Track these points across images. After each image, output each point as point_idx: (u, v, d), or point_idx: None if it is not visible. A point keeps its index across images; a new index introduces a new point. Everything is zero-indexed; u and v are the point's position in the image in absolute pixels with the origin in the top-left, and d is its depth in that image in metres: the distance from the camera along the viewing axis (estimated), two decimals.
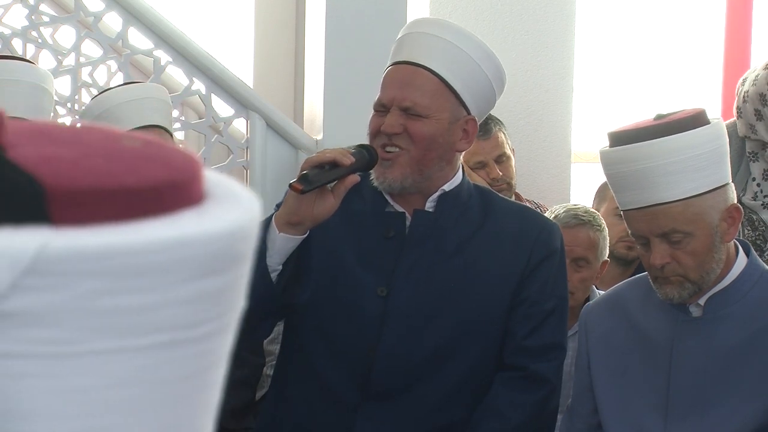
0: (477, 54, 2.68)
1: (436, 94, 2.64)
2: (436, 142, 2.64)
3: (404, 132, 2.63)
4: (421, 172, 2.66)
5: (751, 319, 2.54)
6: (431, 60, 2.65)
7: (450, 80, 2.64)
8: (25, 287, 0.60)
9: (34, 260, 0.60)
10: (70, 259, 0.60)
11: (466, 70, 2.66)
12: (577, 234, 3.40)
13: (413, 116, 2.62)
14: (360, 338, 2.67)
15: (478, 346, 2.69)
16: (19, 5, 4.62)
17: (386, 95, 2.66)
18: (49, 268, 0.60)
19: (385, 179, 2.65)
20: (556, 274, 2.74)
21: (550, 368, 2.71)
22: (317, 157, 2.55)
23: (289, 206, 2.56)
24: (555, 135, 5.08)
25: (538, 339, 2.70)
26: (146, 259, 0.62)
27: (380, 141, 2.65)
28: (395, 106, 2.64)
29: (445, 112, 2.64)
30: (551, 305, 2.72)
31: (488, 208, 2.75)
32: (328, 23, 4.62)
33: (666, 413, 2.55)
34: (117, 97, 3.65)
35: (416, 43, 2.69)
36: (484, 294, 2.69)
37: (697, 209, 2.46)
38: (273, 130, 4.68)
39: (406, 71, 2.66)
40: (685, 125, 2.47)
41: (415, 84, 2.64)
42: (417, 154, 2.63)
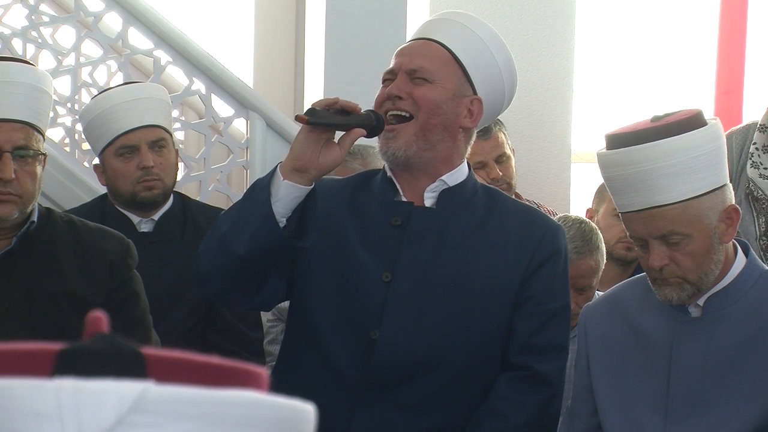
0: (491, 40, 2.73)
1: (443, 63, 2.67)
2: (441, 108, 2.66)
3: (409, 98, 2.65)
4: (426, 139, 2.66)
5: (750, 319, 2.54)
6: (443, 35, 2.70)
7: (459, 54, 2.68)
8: (129, 423, 0.71)
9: (137, 400, 0.71)
10: (168, 402, 0.72)
11: (475, 49, 2.70)
12: (580, 267, 3.39)
13: (418, 80, 2.65)
14: (362, 321, 2.66)
15: (477, 341, 2.69)
16: (19, 5, 4.62)
17: (394, 63, 2.70)
18: (150, 408, 0.72)
19: (389, 148, 2.66)
20: (561, 275, 2.74)
21: (553, 370, 2.71)
22: (327, 100, 2.58)
23: (295, 151, 2.56)
24: (555, 135, 5.08)
25: (544, 337, 2.70)
26: (232, 410, 0.74)
27: (385, 106, 2.67)
28: (402, 71, 2.67)
29: (450, 83, 2.67)
30: (557, 305, 2.72)
31: (493, 207, 2.75)
32: (328, 23, 4.62)
33: (666, 413, 2.55)
34: (117, 97, 3.65)
35: (432, 25, 2.76)
36: (485, 290, 2.69)
37: (696, 211, 2.46)
38: (273, 130, 4.69)
39: (416, 43, 2.73)
40: (683, 127, 2.47)
41: (424, 51, 2.69)
42: (422, 119, 2.64)
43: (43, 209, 2.80)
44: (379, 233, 2.68)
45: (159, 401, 0.72)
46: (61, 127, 4.68)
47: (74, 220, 2.84)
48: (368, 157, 4.11)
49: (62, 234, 2.77)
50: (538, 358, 2.70)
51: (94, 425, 0.71)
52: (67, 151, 4.65)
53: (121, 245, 2.81)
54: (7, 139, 2.65)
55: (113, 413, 0.71)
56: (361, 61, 4.55)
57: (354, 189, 2.74)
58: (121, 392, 0.72)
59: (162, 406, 0.72)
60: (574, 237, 3.43)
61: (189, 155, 4.81)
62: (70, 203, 4.17)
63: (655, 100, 6.06)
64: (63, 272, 2.74)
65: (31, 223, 2.73)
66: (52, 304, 2.71)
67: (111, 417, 0.71)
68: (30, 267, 2.72)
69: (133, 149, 3.59)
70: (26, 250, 2.72)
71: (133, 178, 3.59)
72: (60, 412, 0.71)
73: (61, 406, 0.71)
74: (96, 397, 0.72)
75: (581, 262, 3.41)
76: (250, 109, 4.66)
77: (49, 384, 0.73)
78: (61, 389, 0.72)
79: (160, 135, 3.63)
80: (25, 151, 2.67)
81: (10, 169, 2.63)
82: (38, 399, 0.72)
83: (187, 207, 3.74)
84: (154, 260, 3.50)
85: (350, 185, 2.76)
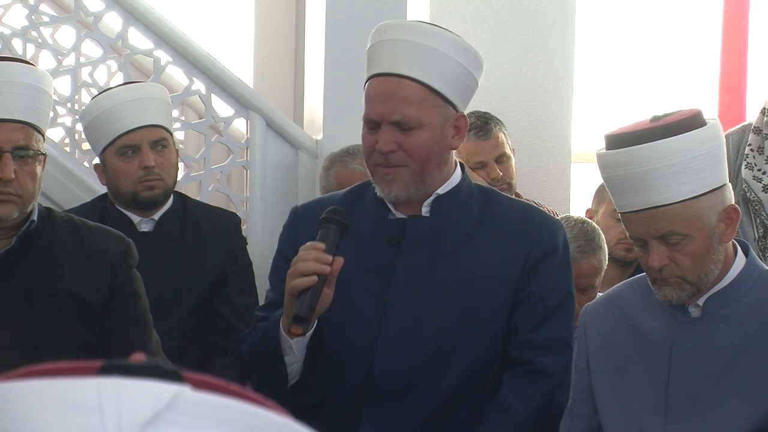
0: (452, 50, 2.64)
1: (424, 103, 2.61)
2: (433, 151, 2.64)
3: (399, 149, 2.62)
4: (423, 182, 2.67)
5: (750, 318, 2.54)
6: (412, 68, 2.61)
7: (434, 84, 2.61)
8: (165, 420, 0.73)
9: (174, 399, 0.74)
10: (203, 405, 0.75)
11: (446, 69, 2.63)
12: (582, 266, 3.39)
13: (405, 130, 2.61)
14: (362, 343, 2.68)
15: (478, 345, 2.70)
16: (19, 5, 4.62)
17: (374, 111, 2.63)
18: (186, 408, 0.75)
19: (389, 192, 2.66)
20: (559, 271, 2.74)
21: (555, 362, 2.71)
22: (296, 285, 2.52)
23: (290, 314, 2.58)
24: (555, 135, 5.08)
25: (543, 334, 2.70)
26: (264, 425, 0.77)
27: (376, 160, 2.65)
28: (385, 122, 2.61)
29: (435, 118, 2.62)
30: (555, 301, 2.72)
31: (489, 208, 2.75)
32: (328, 23, 4.62)
33: (665, 413, 2.56)
34: (117, 97, 3.65)
35: (391, 52, 2.64)
36: (484, 292, 2.69)
37: (695, 211, 2.46)
38: (273, 130, 4.68)
39: (388, 84, 2.63)
40: (682, 127, 2.46)
41: (401, 96, 2.61)
42: (416, 167, 2.64)
43: (43, 209, 2.80)
44: (376, 255, 2.68)
45: (195, 403, 0.75)
46: (61, 127, 4.68)
47: (74, 219, 2.84)
48: None
49: (62, 233, 2.77)
50: (538, 353, 2.70)
51: (132, 418, 0.73)
52: (67, 151, 4.65)
53: (122, 245, 2.81)
54: (7, 139, 2.65)
55: (151, 409, 0.74)
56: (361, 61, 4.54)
57: (346, 209, 2.72)
58: (159, 391, 0.75)
59: (197, 408, 0.75)
60: (577, 237, 3.43)
61: (189, 155, 4.81)
62: (70, 203, 4.17)
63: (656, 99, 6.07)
64: (63, 272, 2.74)
65: (31, 222, 2.73)
66: (52, 304, 2.71)
67: (148, 412, 0.73)
68: (30, 266, 2.73)
69: (135, 149, 3.60)
70: (26, 250, 2.73)
71: (134, 178, 3.59)
72: (100, 406, 0.73)
73: (101, 399, 0.74)
74: (135, 392, 0.75)
75: (584, 261, 3.42)
76: (250, 109, 4.66)
77: (90, 380, 0.76)
78: (101, 385, 0.75)
79: (162, 135, 3.63)
80: (25, 151, 2.67)
81: (10, 169, 2.63)
82: (80, 393, 0.74)
83: (187, 207, 3.74)
84: (154, 260, 3.50)
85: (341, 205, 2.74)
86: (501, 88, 4.99)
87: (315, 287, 2.51)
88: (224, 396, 0.77)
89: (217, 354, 3.64)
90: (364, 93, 2.68)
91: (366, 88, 2.68)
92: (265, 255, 4.08)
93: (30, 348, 2.68)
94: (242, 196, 4.72)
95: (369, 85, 2.67)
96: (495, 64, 5.01)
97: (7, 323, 2.69)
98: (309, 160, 4.67)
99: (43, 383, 0.76)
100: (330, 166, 4.21)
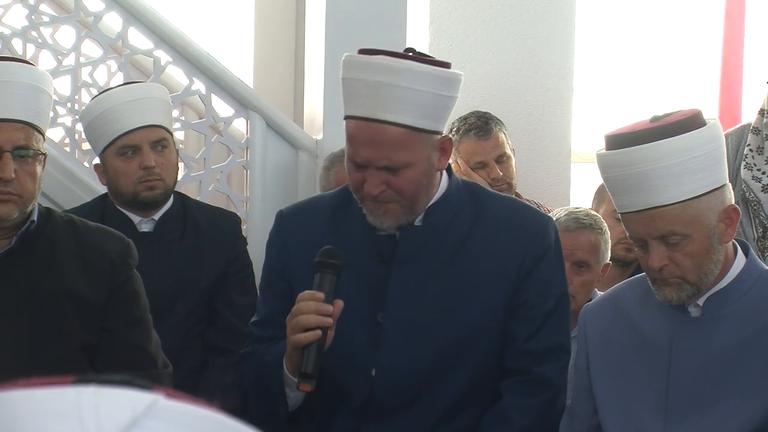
0: (434, 85, 2.58)
1: (409, 144, 2.57)
2: (422, 183, 2.62)
3: (388, 188, 2.60)
4: (414, 211, 2.66)
5: (750, 318, 2.54)
6: (393, 112, 2.56)
7: (417, 124, 2.57)
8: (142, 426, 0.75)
9: (151, 406, 0.76)
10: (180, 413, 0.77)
11: (428, 105, 2.57)
12: (579, 237, 3.40)
13: (393, 170, 2.58)
14: (356, 364, 2.68)
15: (477, 354, 2.69)
16: (19, 5, 4.62)
17: (359, 155, 2.60)
18: (163, 415, 0.76)
19: (381, 224, 2.65)
20: (553, 272, 2.73)
21: (553, 370, 2.71)
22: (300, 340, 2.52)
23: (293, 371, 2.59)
24: (555, 135, 5.08)
25: (540, 342, 2.70)
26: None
27: (366, 200, 2.62)
28: (372, 166, 2.59)
29: (422, 153, 2.59)
30: (551, 305, 2.71)
31: (479, 208, 2.73)
32: (328, 23, 4.62)
33: (665, 413, 2.56)
34: (117, 97, 3.65)
35: (370, 95, 2.57)
36: (480, 300, 2.68)
37: (695, 211, 2.46)
38: (273, 130, 4.68)
39: (371, 129, 2.58)
40: (682, 127, 2.46)
41: (386, 141, 2.57)
42: (406, 202, 2.63)
43: (43, 209, 2.80)
44: (367, 270, 2.66)
45: (171, 410, 0.77)
46: (61, 127, 4.68)
47: (74, 219, 2.84)
48: None
49: (62, 233, 2.77)
50: (536, 361, 2.70)
51: (111, 425, 0.74)
52: (67, 151, 4.65)
53: (121, 245, 2.81)
54: (7, 139, 2.65)
55: (129, 415, 0.75)
56: None
57: (332, 218, 2.72)
58: (137, 398, 0.76)
59: (174, 415, 0.77)
60: (576, 211, 3.47)
61: (189, 155, 4.81)
62: (70, 203, 4.17)
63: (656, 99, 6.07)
64: (63, 272, 2.74)
65: (31, 222, 2.73)
66: (52, 304, 2.71)
67: (127, 419, 0.75)
68: (30, 266, 2.73)
69: (135, 149, 3.59)
70: (26, 250, 2.73)
71: (134, 178, 3.59)
72: (79, 413, 0.74)
73: (80, 406, 0.75)
74: (113, 400, 0.76)
75: (579, 233, 3.42)
76: (250, 109, 4.66)
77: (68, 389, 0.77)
78: (80, 392, 0.76)
79: (162, 135, 3.63)
80: (25, 151, 2.67)
81: (10, 169, 2.64)
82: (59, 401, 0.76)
83: (187, 207, 3.74)
84: (154, 260, 3.50)
85: (327, 214, 2.73)
86: (501, 88, 4.99)
87: (319, 341, 2.50)
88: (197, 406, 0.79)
89: (217, 354, 3.64)
90: (346, 130, 2.63)
91: (347, 127, 2.63)
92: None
93: (30, 348, 2.68)
94: (242, 196, 4.72)
95: (349, 125, 2.62)
96: (495, 64, 5.01)
97: (7, 323, 2.69)
98: (309, 160, 4.67)
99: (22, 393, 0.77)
100: (330, 166, 4.21)
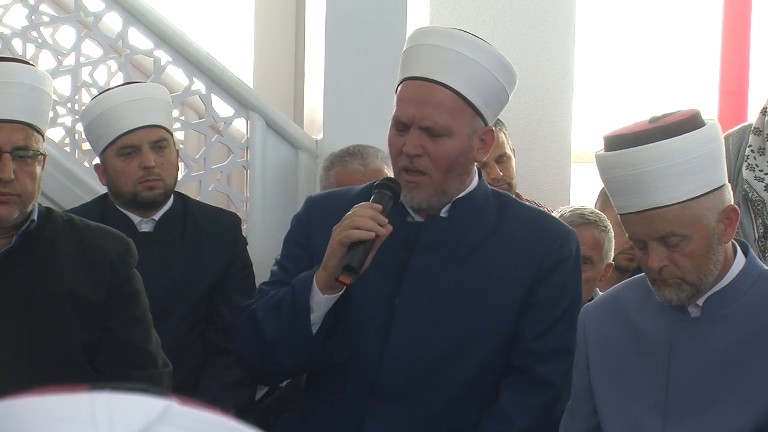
0: (492, 64, 2.64)
1: (455, 111, 2.60)
2: (457, 162, 2.63)
3: (425, 154, 2.61)
4: (445, 191, 2.67)
5: (749, 318, 2.54)
6: (448, 75, 2.60)
7: (468, 95, 2.60)
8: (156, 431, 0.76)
9: (164, 412, 0.77)
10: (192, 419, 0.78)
11: (482, 82, 2.61)
12: (582, 233, 3.41)
13: (434, 136, 2.60)
14: (368, 344, 2.68)
15: (486, 349, 2.70)
16: (19, 5, 4.62)
17: (405, 113, 2.62)
18: (175, 421, 0.77)
19: (412, 199, 2.66)
20: (569, 279, 2.74)
21: (555, 372, 2.71)
22: (353, 235, 2.51)
23: (330, 268, 2.56)
24: (555, 135, 5.08)
25: (546, 343, 2.71)
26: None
27: (402, 162, 2.63)
28: (415, 126, 2.60)
29: (464, 128, 2.61)
30: (561, 310, 2.72)
31: (504, 213, 2.75)
32: (328, 23, 4.62)
33: (665, 413, 2.56)
34: (117, 97, 3.65)
35: (429, 57, 2.62)
36: (494, 298, 2.69)
37: (694, 212, 2.46)
38: (273, 130, 4.68)
39: (423, 88, 2.61)
40: (681, 128, 2.46)
41: (434, 102, 2.59)
42: (439, 176, 2.63)
43: (42, 209, 2.80)
44: (390, 255, 2.65)
45: (183, 416, 0.78)
46: (61, 127, 4.67)
47: (74, 219, 2.84)
48: (368, 157, 4.11)
49: (62, 233, 2.78)
50: (539, 361, 2.70)
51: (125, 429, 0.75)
52: (67, 151, 4.65)
53: (121, 244, 2.81)
54: (6, 139, 2.66)
55: (143, 421, 0.76)
56: (361, 61, 4.55)
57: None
58: (149, 404, 0.78)
59: (186, 421, 0.78)
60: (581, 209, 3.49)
61: (189, 155, 4.81)
62: (70, 203, 4.17)
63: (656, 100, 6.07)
64: (63, 271, 2.74)
65: (31, 222, 2.73)
66: (52, 303, 2.71)
67: (140, 424, 0.76)
68: (30, 266, 2.73)
69: (135, 149, 3.60)
70: (26, 249, 2.73)
71: (134, 178, 3.59)
72: (94, 418, 0.75)
73: (94, 411, 0.76)
74: (127, 405, 0.77)
75: (584, 228, 3.43)
76: (250, 109, 4.66)
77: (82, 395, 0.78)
78: (94, 398, 0.77)
79: (162, 135, 3.64)
80: (24, 152, 2.67)
81: (9, 170, 2.64)
82: (73, 406, 0.77)
83: (187, 207, 3.74)
84: (154, 260, 3.50)
85: (356, 203, 2.71)
86: None
87: (368, 243, 2.51)
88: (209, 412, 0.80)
89: (218, 354, 3.64)
90: (396, 94, 2.66)
91: (399, 90, 2.66)
92: (265, 255, 4.08)
93: (30, 348, 2.68)
94: (242, 196, 4.72)
95: (402, 87, 2.65)
96: None
97: (7, 323, 2.69)
98: (309, 160, 4.67)
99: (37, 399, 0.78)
100: (330, 166, 4.21)
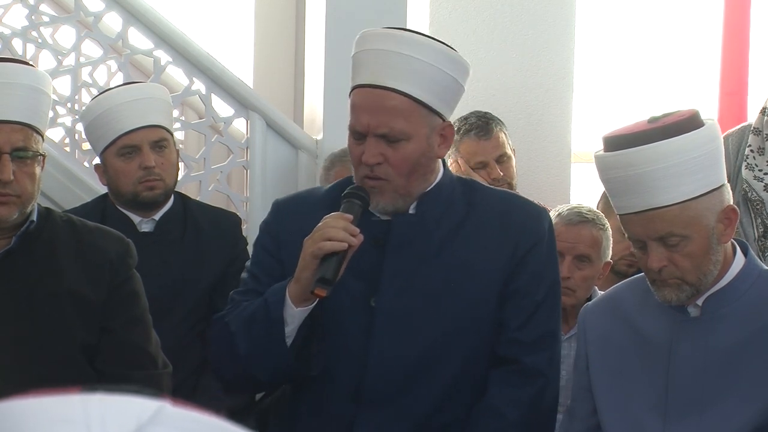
0: (439, 59, 2.61)
1: (409, 114, 2.58)
2: (419, 163, 2.62)
3: (385, 161, 2.60)
4: (409, 193, 2.65)
5: (749, 318, 2.54)
6: (397, 80, 2.58)
7: (420, 96, 2.59)
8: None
9: (156, 413, 0.78)
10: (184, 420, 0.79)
11: (432, 79, 2.59)
12: (581, 231, 3.42)
13: (392, 142, 2.59)
14: (349, 350, 2.67)
15: (469, 343, 2.69)
16: (19, 5, 4.62)
17: (360, 122, 2.61)
18: (167, 422, 0.78)
19: (377, 204, 2.65)
20: (545, 262, 2.72)
21: (543, 360, 2.70)
22: (325, 246, 2.51)
23: (304, 285, 2.55)
24: (555, 135, 5.08)
25: (531, 331, 2.69)
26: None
27: (363, 171, 2.63)
28: (371, 134, 2.59)
29: (422, 129, 2.60)
30: (542, 295, 2.71)
31: (473, 200, 2.73)
32: (328, 23, 4.62)
33: (665, 413, 2.56)
34: (117, 97, 3.65)
35: (377, 63, 2.61)
36: (473, 290, 2.68)
37: (694, 212, 2.46)
38: (273, 130, 4.69)
39: (374, 95, 2.60)
40: (680, 128, 2.46)
41: (387, 108, 2.58)
42: (401, 181, 2.62)
43: (42, 209, 2.80)
44: (361, 255, 2.62)
45: (175, 417, 0.78)
46: (61, 127, 4.68)
47: (73, 219, 2.84)
48: None
49: (62, 233, 2.77)
50: (526, 351, 2.69)
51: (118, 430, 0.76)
52: (67, 151, 4.65)
53: (121, 245, 2.81)
54: (6, 140, 2.66)
55: (135, 422, 0.76)
56: None
57: (329, 207, 2.69)
58: (142, 405, 0.78)
59: (178, 422, 0.78)
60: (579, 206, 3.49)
61: (189, 155, 4.81)
62: (70, 203, 4.17)
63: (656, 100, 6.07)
64: (62, 272, 2.74)
65: (30, 222, 2.73)
66: (51, 304, 2.71)
67: (132, 425, 0.76)
68: (29, 266, 2.73)
69: (135, 149, 3.60)
70: (26, 250, 2.73)
71: (134, 178, 3.59)
72: (87, 419, 0.76)
73: (87, 413, 0.76)
74: (119, 406, 0.77)
75: (582, 227, 3.43)
76: (250, 109, 4.66)
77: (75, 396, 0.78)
78: (87, 399, 0.78)
79: (162, 135, 3.63)
80: (24, 153, 2.67)
81: (9, 171, 2.64)
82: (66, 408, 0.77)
83: (187, 207, 3.74)
84: (154, 260, 3.50)
85: (324, 205, 2.71)
86: (501, 88, 4.99)
87: (341, 254, 2.51)
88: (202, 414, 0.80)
89: None
90: (350, 101, 2.65)
91: (351, 97, 2.65)
92: None
93: (30, 348, 2.68)
94: (242, 196, 4.72)
95: (355, 94, 2.65)
96: (495, 64, 5.01)
97: (7, 323, 2.69)
98: (309, 160, 4.67)
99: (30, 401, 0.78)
100: (330, 166, 4.21)
